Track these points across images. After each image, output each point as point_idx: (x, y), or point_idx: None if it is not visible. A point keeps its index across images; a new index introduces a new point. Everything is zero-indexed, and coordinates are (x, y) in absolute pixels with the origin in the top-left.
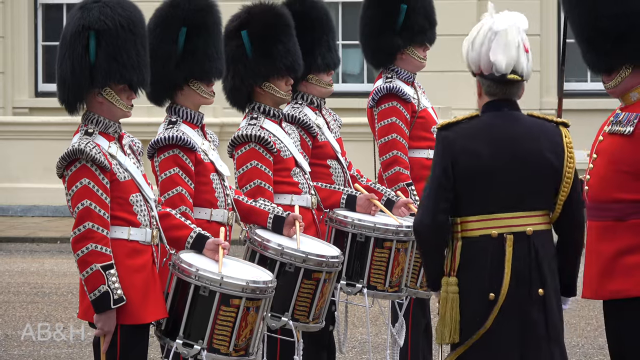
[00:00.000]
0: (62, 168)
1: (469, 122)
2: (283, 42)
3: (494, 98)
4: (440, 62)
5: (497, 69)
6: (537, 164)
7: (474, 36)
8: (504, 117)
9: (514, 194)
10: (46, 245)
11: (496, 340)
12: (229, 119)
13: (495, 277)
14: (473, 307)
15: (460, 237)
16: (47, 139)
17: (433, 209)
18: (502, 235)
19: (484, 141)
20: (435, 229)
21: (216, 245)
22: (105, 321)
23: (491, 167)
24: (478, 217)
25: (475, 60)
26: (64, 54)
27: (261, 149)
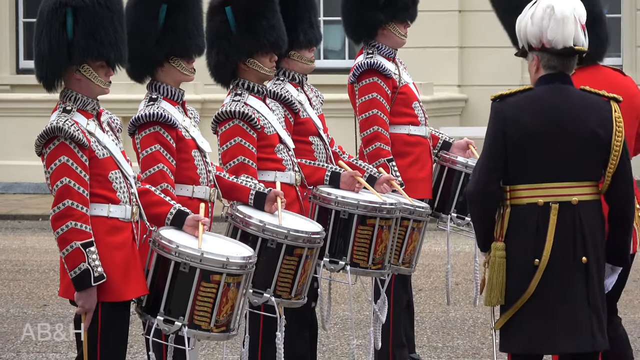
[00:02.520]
0: (40, 146)
1: (521, 94)
2: (267, 18)
3: (551, 72)
4: (422, 38)
5: (563, 41)
6: (583, 136)
7: (532, 11)
8: (555, 90)
9: (560, 164)
10: (28, 222)
11: (540, 305)
12: (210, 95)
13: (539, 244)
14: (518, 271)
15: (509, 204)
16: (29, 116)
17: (485, 177)
18: (548, 204)
19: (533, 113)
20: (487, 196)
21: (196, 221)
22: (86, 299)
23: (539, 138)
24: (526, 185)
25: (536, 34)
26: (41, 31)
27: (245, 126)
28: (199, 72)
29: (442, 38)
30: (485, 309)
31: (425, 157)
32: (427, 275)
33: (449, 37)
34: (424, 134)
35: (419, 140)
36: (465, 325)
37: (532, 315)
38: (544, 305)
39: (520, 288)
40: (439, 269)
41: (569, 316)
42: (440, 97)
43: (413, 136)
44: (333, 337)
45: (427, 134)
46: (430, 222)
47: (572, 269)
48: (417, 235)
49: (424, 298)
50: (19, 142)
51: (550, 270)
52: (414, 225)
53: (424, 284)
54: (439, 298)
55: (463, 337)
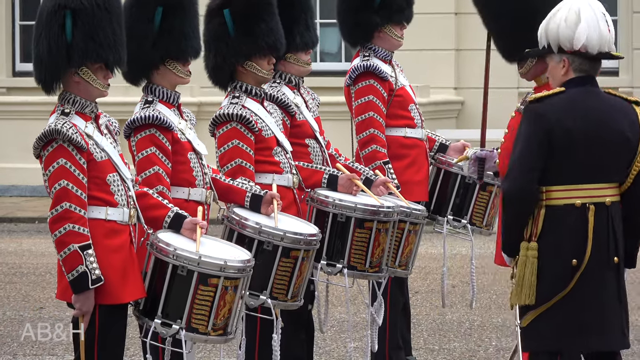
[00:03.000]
0: (39, 148)
1: (557, 96)
2: (265, 21)
3: (581, 74)
4: (418, 41)
5: (598, 46)
6: (617, 138)
7: (564, 15)
8: (588, 93)
9: (596, 165)
10: (24, 225)
11: (574, 304)
12: (206, 98)
13: (578, 245)
14: (553, 271)
15: (544, 205)
16: (25, 119)
17: (526, 178)
18: (585, 205)
19: (574, 115)
20: (527, 197)
21: (194, 224)
22: (84, 301)
23: (579, 140)
24: (563, 186)
25: (569, 38)
26: (40, 33)
27: (243, 128)
28: (195, 74)
29: (439, 40)
30: (482, 311)
31: (421, 160)
32: (423, 277)
33: (446, 40)
34: (420, 137)
35: (416, 142)
36: (462, 327)
37: (565, 314)
38: (578, 304)
39: (555, 288)
40: (435, 271)
41: (602, 315)
42: (437, 100)
43: (409, 139)
44: (330, 339)
45: (423, 136)
46: (426, 224)
47: (606, 269)
48: (413, 237)
49: (420, 300)
50: (15, 145)
51: (588, 270)
52: (410, 227)
53: (421, 287)
54: (435, 300)
55: (460, 340)
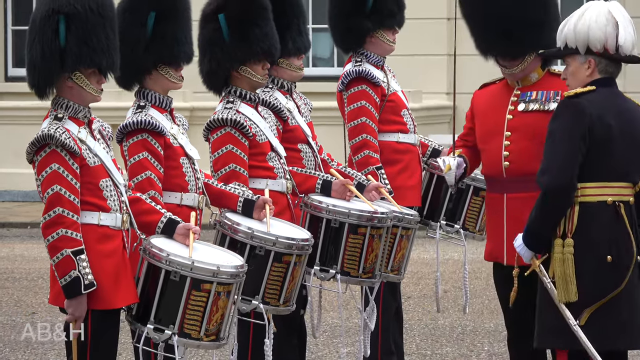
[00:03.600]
0: (31, 153)
1: (592, 94)
2: (260, 26)
3: (606, 75)
4: (410, 46)
5: (628, 49)
6: None
7: (593, 16)
8: (616, 93)
9: (624, 165)
10: (16, 230)
11: (625, 302)
12: (199, 103)
13: (612, 242)
14: (592, 267)
15: (579, 202)
16: (18, 124)
17: (571, 173)
18: (615, 203)
19: (612, 113)
20: (570, 192)
21: (187, 229)
22: (76, 307)
23: (615, 137)
24: (596, 184)
25: (600, 39)
26: (33, 38)
27: (237, 133)
28: (188, 79)
29: (431, 45)
30: (475, 316)
31: (414, 165)
32: (416, 282)
33: (438, 45)
34: (413, 142)
35: (408, 147)
36: (454, 332)
37: (615, 312)
38: (628, 301)
39: (602, 284)
40: (428, 276)
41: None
42: (429, 105)
43: (402, 144)
44: (322, 344)
45: (416, 141)
46: (419, 229)
47: (636, 267)
48: (405, 242)
49: (412, 305)
50: (8, 149)
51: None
52: (402, 232)
53: (413, 292)
54: (427, 305)
55: (452, 345)
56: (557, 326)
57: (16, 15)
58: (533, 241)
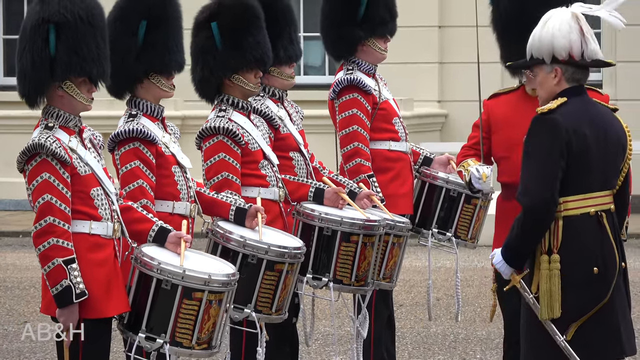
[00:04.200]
0: (22, 162)
1: (566, 107)
2: (253, 35)
3: (575, 84)
4: (402, 54)
5: (593, 54)
6: (617, 145)
7: (556, 24)
8: (588, 102)
9: (603, 173)
10: (8, 239)
11: (610, 312)
12: (190, 111)
13: (598, 253)
14: (579, 281)
15: (562, 216)
16: (9, 133)
17: (551, 191)
18: (597, 213)
19: (586, 124)
20: (551, 209)
21: (178, 238)
22: (68, 316)
23: (591, 147)
24: (578, 196)
25: (565, 47)
26: (23, 47)
27: (229, 142)
28: (179, 88)
29: (422, 54)
30: (467, 324)
31: (406, 173)
32: (408, 290)
33: (429, 53)
34: (404, 150)
35: (400, 155)
36: (447, 340)
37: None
38: (613, 311)
39: (586, 297)
40: (420, 284)
41: (625, 321)
42: (421, 113)
43: (394, 152)
44: (314, 352)
45: (407, 149)
46: (411, 237)
47: (619, 275)
48: (397, 250)
49: (405, 313)
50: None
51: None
52: (394, 240)
53: (405, 300)
54: (420, 313)
55: (444, 353)
56: (542, 342)
57: (7, 24)
58: (513, 257)
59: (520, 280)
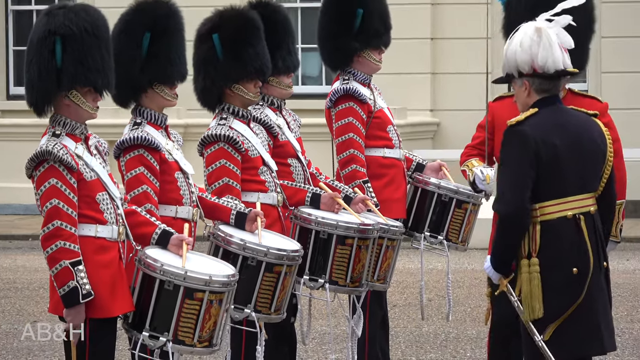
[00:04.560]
0: (30, 169)
1: (535, 117)
2: (253, 46)
3: (545, 95)
4: (396, 65)
5: (554, 65)
6: (594, 150)
7: (519, 39)
8: (561, 111)
9: (580, 178)
10: (18, 242)
11: (588, 309)
12: (193, 120)
13: (576, 254)
14: (559, 282)
15: (539, 221)
16: (19, 140)
17: (521, 198)
18: (575, 216)
19: (556, 133)
20: (524, 217)
21: (180, 240)
22: (75, 315)
23: (564, 156)
24: (554, 201)
25: (527, 61)
26: (31, 58)
27: (230, 149)
28: (182, 97)
29: (415, 65)
30: (458, 323)
31: (399, 179)
32: (401, 291)
33: (422, 64)
34: (398, 157)
35: (394, 162)
36: (438, 339)
37: (583, 321)
38: (590, 310)
39: (565, 298)
40: (412, 285)
41: (605, 318)
42: (414, 121)
43: (388, 158)
44: (311, 351)
45: (401, 156)
46: (404, 240)
47: (600, 274)
48: (391, 253)
49: (398, 313)
50: (9, 165)
51: (592, 277)
52: (388, 243)
53: (398, 300)
54: (412, 313)
55: (436, 351)
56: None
57: (17, 36)
58: (498, 264)
59: (507, 284)
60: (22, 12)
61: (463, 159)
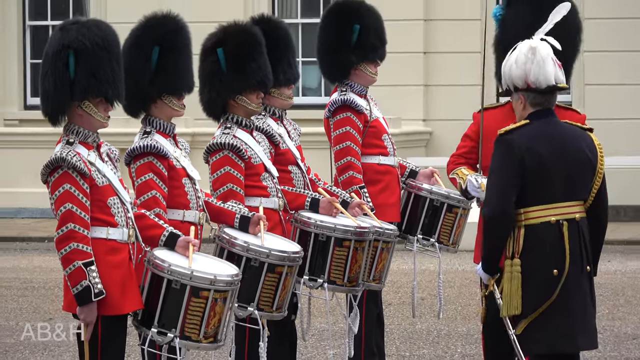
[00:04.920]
0: (46, 175)
1: (524, 128)
2: (255, 60)
3: (539, 108)
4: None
5: (544, 82)
6: (582, 161)
7: (515, 56)
8: (551, 123)
9: (565, 185)
10: (35, 244)
11: (562, 308)
12: (199, 129)
13: (557, 257)
14: (538, 282)
15: (523, 225)
16: (35, 148)
17: (506, 203)
18: (559, 222)
19: (542, 143)
20: (508, 217)
21: (187, 242)
22: (87, 313)
23: (549, 165)
24: (538, 207)
25: (521, 76)
26: (46, 71)
27: (234, 156)
28: (189, 107)
29: (409, 77)
30: (449, 321)
31: (394, 185)
32: (395, 291)
33: (415, 77)
34: (392, 164)
35: (388, 169)
36: (430, 336)
37: (554, 319)
38: (564, 309)
39: (541, 296)
40: (406, 285)
41: (583, 318)
42: (408, 130)
43: (383, 165)
44: (311, 347)
45: (395, 163)
46: (398, 242)
47: (581, 277)
48: (386, 254)
49: (392, 312)
50: (26, 171)
51: (568, 279)
52: (383, 245)
53: (393, 299)
54: (406, 311)
55: (428, 347)
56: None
57: (34, 50)
58: (487, 265)
59: (494, 283)
60: (38, 27)
61: (450, 167)
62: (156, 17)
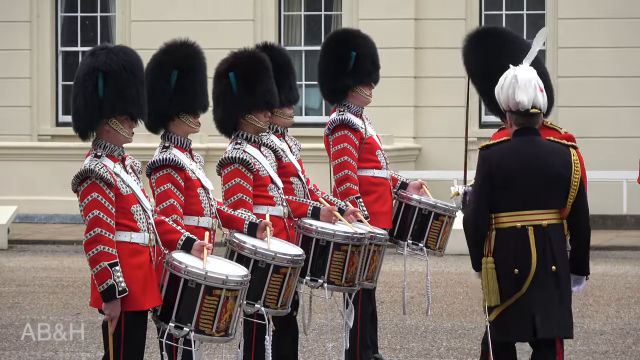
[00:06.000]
0: (75, 184)
1: (503, 144)
2: (263, 83)
3: (521, 127)
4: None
5: (522, 106)
6: (551, 175)
7: (502, 83)
8: (528, 140)
9: (532, 196)
10: (65, 246)
11: (526, 302)
12: (213, 144)
13: (521, 258)
14: (506, 278)
15: (494, 228)
16: (66, 161)
17: (479, 209)
18: (525, 227)
19: (514, 158)
20: (481, 222)
21: (202, 246)
22: (112, 309)
23: (518, 177)
24: (507, 213)
25: (505, 100)
26: (77, 91)
27: (243, 169)
28: (204, 125)
29: (401, 99)
30: (435, 317)
31: (386, 195)
32: (387, 290)
33: (406, 98)
34: (385, 176)
35: (382, 181)
36: (419, 331)
37: (520, 309)
38: (529, 302)
39: (510, 290)
40: (397, 285)
41: (544, 312)
42: (399, 147)
43: (377, 178)
44: (312, 340)
45: (388, 176)
46: (390, 247)
47: (546, 276)
48: (377, 256)
49: (385, 309)
50: (58, 181)
51: (535, 276)
52: (375, 248)
53: (385, 298)
54: (397, 309)
55: (417, 341)
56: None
57: (65, 73)
58: (472, 262)
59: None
60: (70, 52)
61: None
62: (175, 43)
